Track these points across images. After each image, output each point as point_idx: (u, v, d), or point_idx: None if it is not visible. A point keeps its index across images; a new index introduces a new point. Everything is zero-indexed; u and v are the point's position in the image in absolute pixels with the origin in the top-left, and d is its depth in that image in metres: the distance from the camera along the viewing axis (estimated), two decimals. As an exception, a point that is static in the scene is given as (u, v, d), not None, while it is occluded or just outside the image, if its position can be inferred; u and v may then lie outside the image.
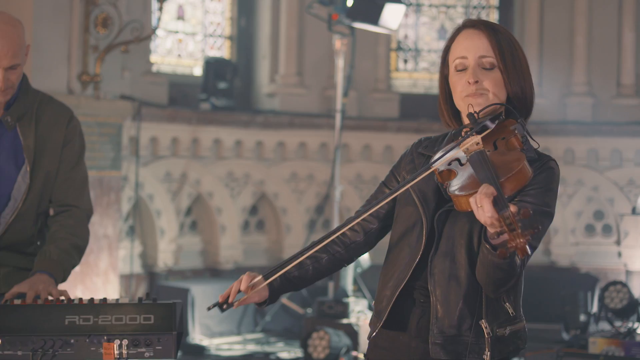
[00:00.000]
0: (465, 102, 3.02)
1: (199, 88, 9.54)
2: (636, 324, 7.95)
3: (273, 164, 9.77)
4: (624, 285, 8.08)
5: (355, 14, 8.30)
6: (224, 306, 3.11)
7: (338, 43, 8.40)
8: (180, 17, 9.93)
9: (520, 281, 3.01)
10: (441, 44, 10.89)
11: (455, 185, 2.85)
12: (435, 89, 10.62)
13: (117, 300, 3.39)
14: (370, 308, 8.26)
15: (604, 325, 8.51)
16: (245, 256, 9.60)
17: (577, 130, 10.08)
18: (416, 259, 3.00)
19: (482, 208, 2.65)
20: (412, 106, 10.50)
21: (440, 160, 2.90)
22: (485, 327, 2.91)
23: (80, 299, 3.38)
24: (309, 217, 9.92)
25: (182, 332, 3.40)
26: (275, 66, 10.08)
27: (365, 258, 8.14)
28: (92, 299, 3.35)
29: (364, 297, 8.23)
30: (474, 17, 10.85)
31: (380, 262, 3.21)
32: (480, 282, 2.91)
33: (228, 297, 3.11)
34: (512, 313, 2.98)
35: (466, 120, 3.07)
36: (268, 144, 9.71)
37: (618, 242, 10.00)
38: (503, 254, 2.62)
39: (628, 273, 9.81)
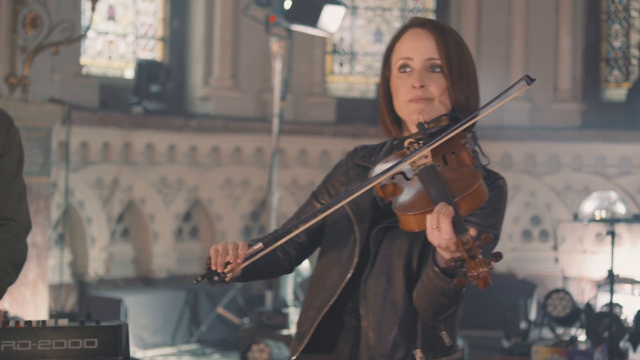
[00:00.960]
0: (408, 107, 2.79)
1: (130, 91, 9.26)
2: (579, 331, 7.90)
3: (207, 169, 9.53)
4: (567, 293, 8.03)
5: (293, 16, 8.10)
6: (216, 278, 2.65)
7: (275, 46, 8.20)
8: (111, 18, 9.64)
9: (459, 308, 2.78)
10: (377, 47, 10.76)
11: (402, 202, 2.59)
12: (371, 93, 10.48)
13: (57, 322, 3.14)
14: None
15: (545, 332, 8.45)
16: (179, 264, 9.35)
17: (514, 135, 10.02)
18: (345, 278, 2.75)
19: (440, 229, 2.40)
20: (348, 110, 10.35)
21: (384, 175, 2.64)
22: (420, 357, 2.71)
23: (17, 322, 3.12)
24: (244, 224, 9.70)
25: (129, 357, 3.16)
26: (209, 69, 9.84)
27: (305, 267, 7.96)
28: (29, 322, 3.09)
29: (304, 307, 8.03)
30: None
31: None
32: (419, 307, 2.68)
33: (222, 265, 2.62)
34: (448, 343, 2.75)
35: (410, 128, 2.85)
36: (202, 148, 9.47)
37: (555, 248, 9.96)
38: (461, 283, 2.35)
39: (565, 279, 9.76)
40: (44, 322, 3.10)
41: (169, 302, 8.47)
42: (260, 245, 2.67)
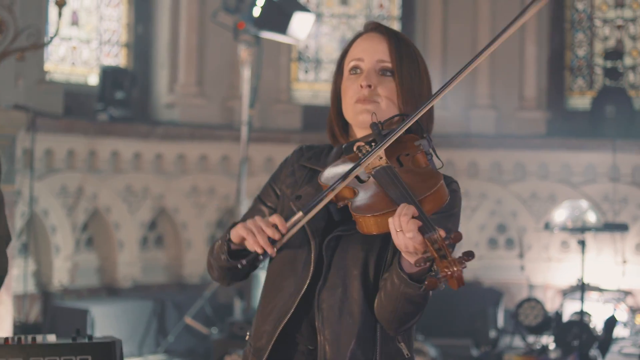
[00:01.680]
0: (355, 108, 2.70)
1: (94, 98, 9.11)
2: (550, 340, 7.90)
3: (173, 177, 9.40)
4: (538, 302, 8.02)
5: (262, 23, 8.03)
6: (260, 257, 2.53)
7: (244, 53, 8.11)
8: (75, 23, 9.48)
9: None
10: (342, 55, 10.70)
11: (360, 205, 2.49)
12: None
13: (44, 338, 3.03)
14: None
15: (516, 341, 8.44)
16: (144, 273, 9.20)
17: (481, 143, 10.02)
18: (302, 289, 2.62)
19: (405, 231, 2.32)
20: (314, 118, 10.28)
21: (342, 184, 2.52)
22: None
23: (6, 339, 3.01)
24: (209, 232, 9.58)
25: (123, 374, 3.06)
26: (175, 75, 9.71)
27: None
28: (19, 338, 2.99)
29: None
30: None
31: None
32: (382, 318, 2.57)
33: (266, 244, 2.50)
34: (407, 354, 2.66)
35: (357, 133, 2.76)
36: (168, 156, 9.33)
37: (521, 256, 9.96)
38: (433, 284, 2.26)
39: (531, 287, 9.77)
40: (34, 338, 3.00)
41: (136, 312, 8.34)
42: (300, 214, 2.54)
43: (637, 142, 9.68)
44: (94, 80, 9.46)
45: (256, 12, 7.97)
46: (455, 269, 2.23)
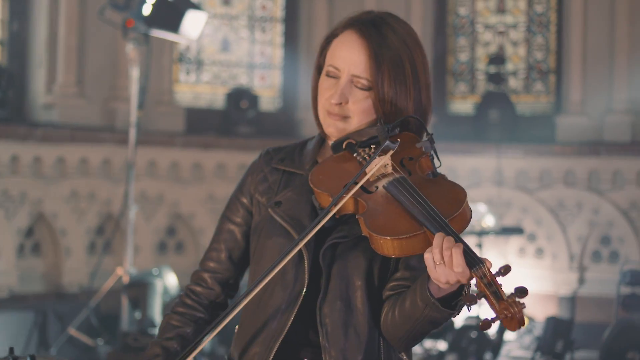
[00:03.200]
0: (325, 119, 2.52)
1: (-33, 97, 8.61)
2: (446, 343, 7.88)
3: (52, 181, 8.95)
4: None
5: (153, 21, 7.73)
6: None
7: (133, 52, 7.80)
8: (-55, 19, 8.94)
9: None
10: (224, 56, 10.48)
11: (377, 223, 2.23)
12: (219, 103, 10.22)
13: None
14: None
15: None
16: (21, 283, 8.73)
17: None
18: (297, 303, 2.42)
19: (454, 266, 2.09)
20: (197, 120, 10.01)
21: (349, 194, 2.28)
22: None
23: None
24: (90, 239, 9.18)
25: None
26: (53, 75, 9.25)
27: (173, 284, 7.58)
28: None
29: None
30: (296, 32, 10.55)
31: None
32: (393, 335, 2.41)
33: None
34: None
35: (329, 137, 2.57)
36: (47, 159, 8.88)
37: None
38: (487, 325, 2.05)
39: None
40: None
41: (16, 324, 7.91)
42: None
43: (520, 147, 9.78)
44: (-34, 79, 8.94)
45: (146, 9, 7.67)
46: (516, 309, 2.02)
